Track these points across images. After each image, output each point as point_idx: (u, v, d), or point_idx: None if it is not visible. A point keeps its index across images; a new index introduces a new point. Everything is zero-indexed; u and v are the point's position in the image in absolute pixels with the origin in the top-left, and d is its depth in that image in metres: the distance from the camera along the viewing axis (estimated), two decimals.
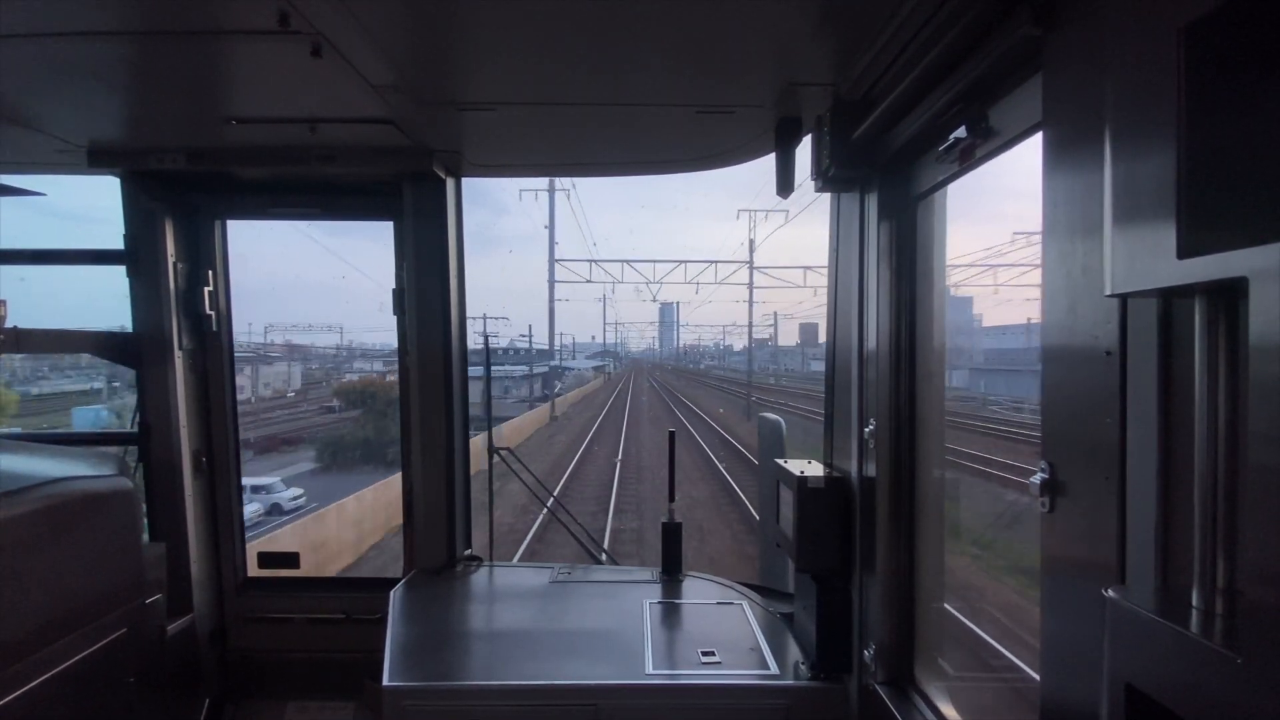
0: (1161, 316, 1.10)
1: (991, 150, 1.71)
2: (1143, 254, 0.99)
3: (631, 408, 45.25)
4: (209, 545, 3.41)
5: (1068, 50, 1.28)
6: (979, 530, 12.00)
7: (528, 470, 3.75)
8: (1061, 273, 1.29)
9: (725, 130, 2.74)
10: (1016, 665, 6.57)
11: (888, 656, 2.25)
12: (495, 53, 2.09)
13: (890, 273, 2.25)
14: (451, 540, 3.39)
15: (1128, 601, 1.02)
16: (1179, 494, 1.07)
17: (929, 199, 2.16)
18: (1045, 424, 1.36)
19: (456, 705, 2.38)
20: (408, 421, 3.37)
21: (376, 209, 3.39)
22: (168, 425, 3.21)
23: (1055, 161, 1.31)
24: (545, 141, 3.00)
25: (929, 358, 2.22)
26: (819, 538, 2.45)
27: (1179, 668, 0.91)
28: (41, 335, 2.96)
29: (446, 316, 3.30)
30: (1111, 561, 1.18)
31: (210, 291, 3.34)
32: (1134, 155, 1.01)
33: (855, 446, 2.40)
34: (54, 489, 2.10)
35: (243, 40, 1.95)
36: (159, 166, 2.96)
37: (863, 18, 1.82)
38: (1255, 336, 0.84)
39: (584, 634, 2.77)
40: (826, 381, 2.75)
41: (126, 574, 2.39)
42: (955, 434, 17.65)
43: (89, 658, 2.16)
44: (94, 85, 2.29)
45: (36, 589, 2.01)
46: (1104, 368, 1.19)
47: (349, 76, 2.15)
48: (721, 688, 2.43)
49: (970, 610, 8.11)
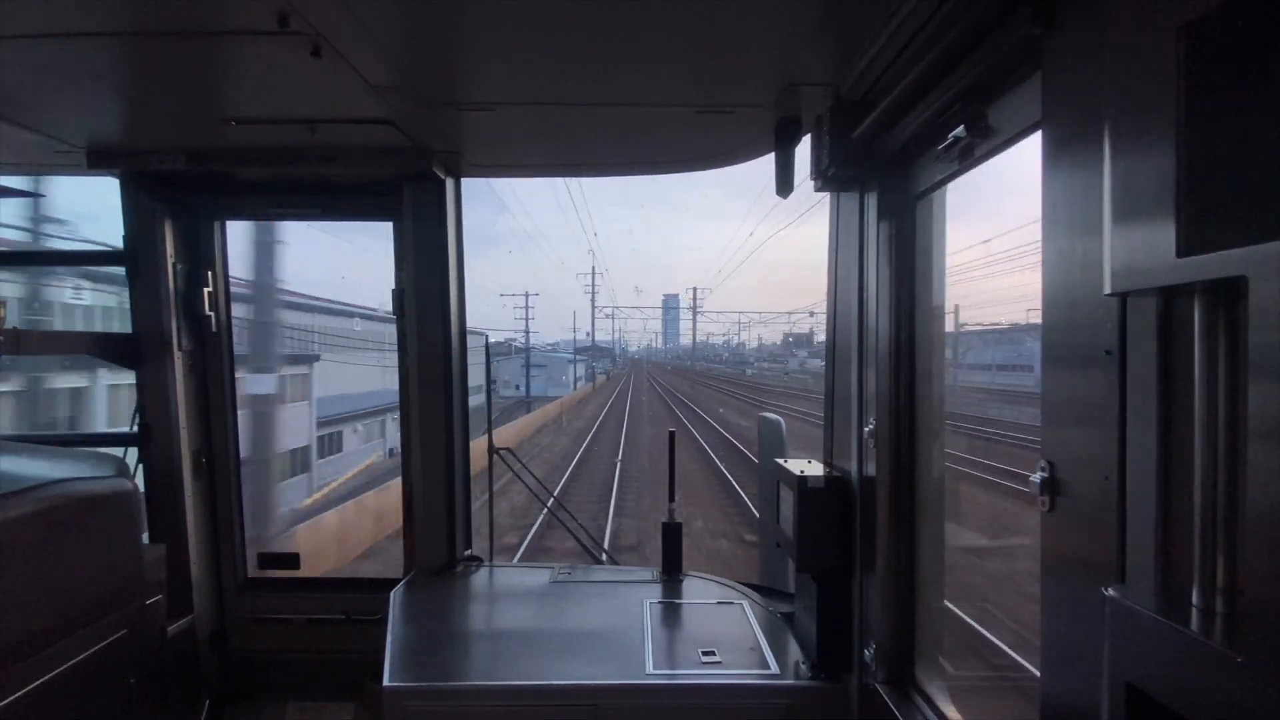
0: (1161, 315, 1.10)
1: (991, 149, 1.72)
2: (1142, 252, 0.99)
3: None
4: (209, 546, 3.41)
5: (1067, 49, 1.28)
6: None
7: (528, 471, 3.75)
8: (1061, 271, 1.29)
9: (725, 130, 2.74)
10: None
11: (888, 656, 2.25)
12: (495, 53, 2.10)
13: (890, 272, 2.25)
14: (451, 540, 3.39)
15: (1128, 600, 1.02)
16: (1179, 493, 1.07)
17: (929, 198, 2.16)
18: (1045, 423, 1.36)
19: (457, 705, 2.38)
20: (408, 421, 3.36)
21: (376, 209, 3.39)
22: (168, 426, 3.21)
23: (1055, 160, 1.31)
24: (545, 141, 3.00)
25: (928, 357, 2.22)
26: (819, 537, 2.45)
27: (1179, 667, 0.91)
28: (41, 336, 2.96)
29: (446, 317, 3.30)
30: (1112, 560, 1.18)
31: (210, 292, 3.34)
32: (1133, 154, 1.01)
33: (855, 446, 2.40)
34: (54, 490, 2.10)
35: (242, 40, 1.95)
36: (158, 167, 2.96)
37: (862, 18, 1.83)
38: (1255, 334, 0.85)
39: (584, 634, 2.77)
40: (826, 381, 2.75)
41: (127, 575, 2.39)
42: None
43: (89, 659, 2.16)
44: (94, 85, 2.29)
45: (37, 590, 2.01)
46: (1104, 366, 1.19)
47: (349, 77, 2.15)
48: (722, 687, 2.43)
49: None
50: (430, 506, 3.35)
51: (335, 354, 26.20)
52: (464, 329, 3.43)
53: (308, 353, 23.45)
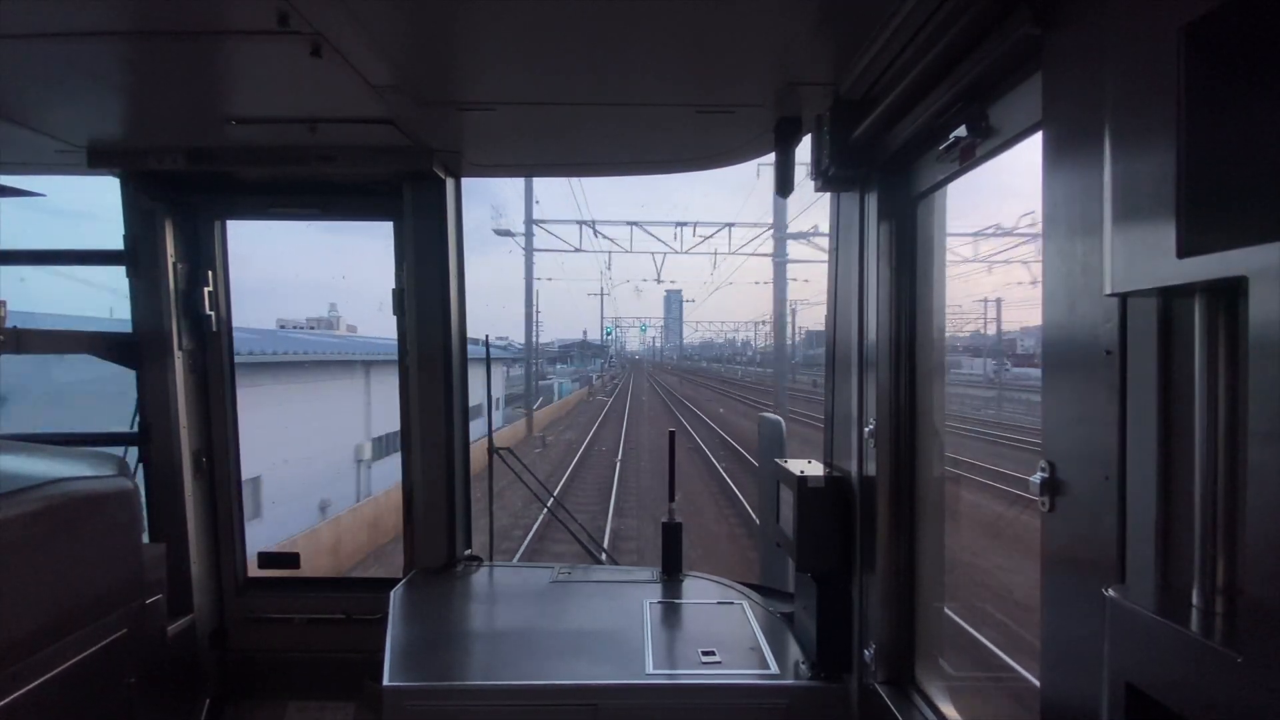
0: (1161, 316, 1.10)
1: (992, 149, 1.71)
2: (1143, 253, 0.99)
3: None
4: (209, 546, 3.41)
5: (1068, 49, 1.28)
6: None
7: (529, 471, 3.75)
8: (1061, 272, 1.28)
9: (725, 130, 2.74)
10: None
11: (888, 656, 2.25)
12: (495, 52, 2.09)
13: (890, 272, 2.25)
14: (452, 540, 3.39)
15: (1128, 601, 1.02)
16: (1179, 493, 1.07)
17: (929, 198, 2.16)
18: (1045, 423, 1.36)
19: (457, 705, 2.38)
20: (408, 421, 3.37)
21: (376, 209, 3.39)
22: (168, 426, 3.21)
23: (1055, 160, 1.31)
24: (545, 141, 3.00)
25: (929, 357, 2.22)
26: (819, 537, 2.45)
27: (1179, 667, 0.91)
28: (41, 336, 2.96)
29: (446, 316, 3.31)
30: (1112, 560, 1.18)
31: (210, 292, 3.34)
32: (1134, 154, 1.01)
33: (855, 446, 2.40)
34: (54, 489, 2.10)
35: (242, 40, 1.95)
36: (159, 167, 2.96)
37: (862, 17, 1.82)
38: (1255, 335, 0.85)
39: (584, 634, 2.77)
40: (826, 381, 2.75)
41: (127, 574, 2.39)
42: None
43: (89, 658, 2.16)
44: (94, 85, 2.29)
45: (36, 589, 2.01)
46: (1104, 367, 1.19)
47: (349, 76, 2.15)
48: (722, 687, 2.43)
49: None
50: (430, 506, 3.35)
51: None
52: (464, 329, 3.43)
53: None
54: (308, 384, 16.61)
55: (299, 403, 15.81)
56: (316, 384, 17.12)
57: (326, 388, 17.97)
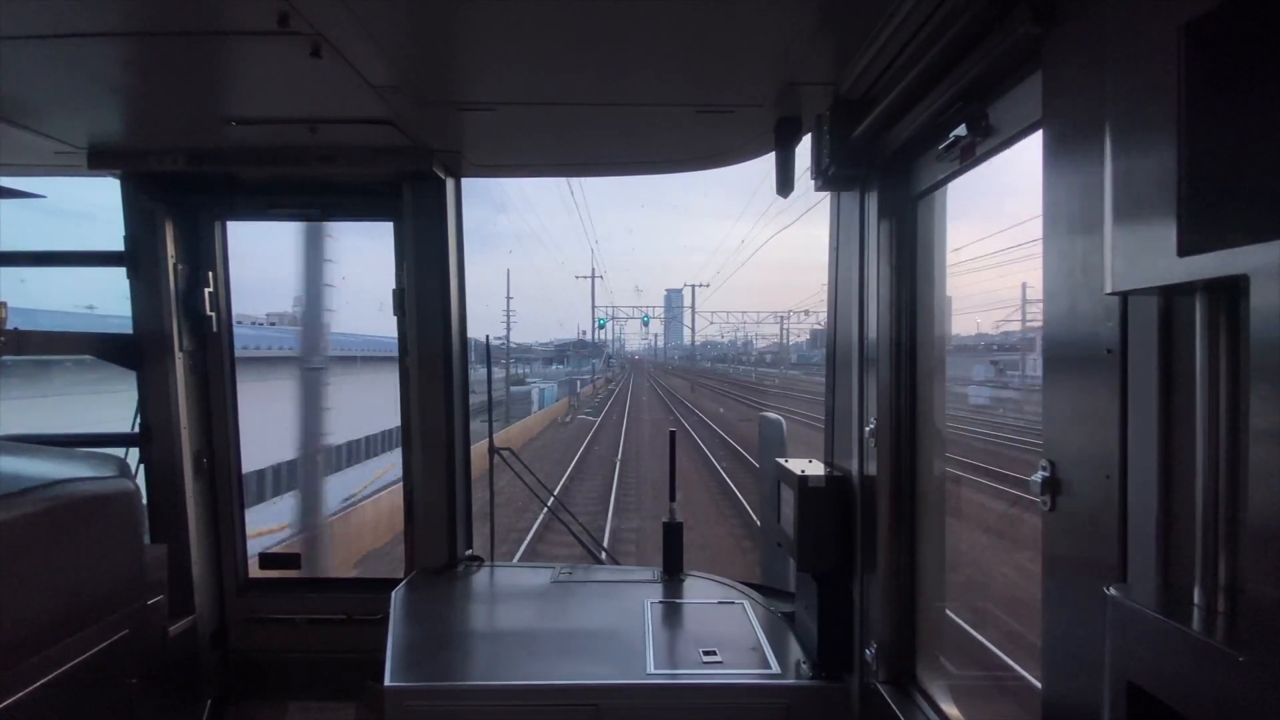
0: (1162, 314, 1.10)
1: (992, 148, 1.71)
2: (1143, 251, 0.99)
3: None
4: (210, 546, 3.41)
5: (1068, 48, 1.28)
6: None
7: (529, 471, 3.75)
8: (1062, 270, 1.28)
9: (725, 130, 2.74)
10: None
11: (889, 655, 2.25)
12: (495, 53, 2.09)
13: (891, 271, 2.25)
14: (452, 540, 3.39)
15: (1129, 599, 1.02)
16: (1180, 491, 1.07)
17: (929, 197, 2.16)
18: (1046, 422, 1.36)
19: (458, 705, 2.38)
20: (408, 422, 3.37)
21: (376, 209, 3.39)
22: (169, 426, 3.21)
23: (1055, 159, 1.31)
24: (545, 141, 3.00)
25: (929, 356, 2.22)
26: (820, 537, 2.44)
27: (1181, 665, 0.91)
28: (42, 337, 2.96)
29: (447, 317, 3.31)
30: (1113, 559, 1.17)
31: (210, 293, 3.34)
32: (1134, 152, 1.01)
33: (856, 445, 2.40)
34: (56, 490, 2.10)
35: (243, 41, 1.95)
36: (159, 168, 2.96)
37: (862, 17, 1.82)
38: (1256, 334, 0.84)
39: (585, 634, 2.77)
40: (827, 381, 2.75)
41: (128, 575, 2.39)
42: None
43: (91, 659, 2.16)
44: (94, 85, 2.29)
45: (38, 590, 2.01)
46: (1105, 365, 1.19)
47: (349, 77, 2.15)
48: (723, 687, 2.43)
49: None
50: (431, 506, 3.35)
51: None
52: (464, 329, 3.43)
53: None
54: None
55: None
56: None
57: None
